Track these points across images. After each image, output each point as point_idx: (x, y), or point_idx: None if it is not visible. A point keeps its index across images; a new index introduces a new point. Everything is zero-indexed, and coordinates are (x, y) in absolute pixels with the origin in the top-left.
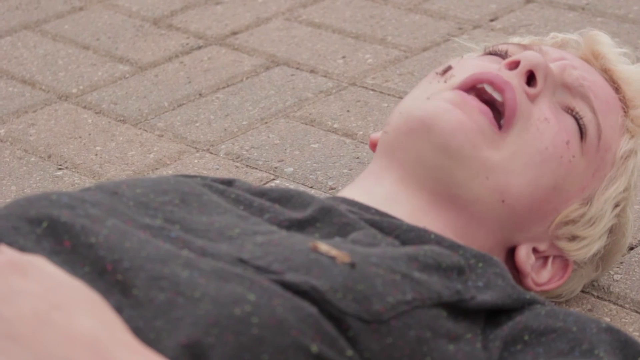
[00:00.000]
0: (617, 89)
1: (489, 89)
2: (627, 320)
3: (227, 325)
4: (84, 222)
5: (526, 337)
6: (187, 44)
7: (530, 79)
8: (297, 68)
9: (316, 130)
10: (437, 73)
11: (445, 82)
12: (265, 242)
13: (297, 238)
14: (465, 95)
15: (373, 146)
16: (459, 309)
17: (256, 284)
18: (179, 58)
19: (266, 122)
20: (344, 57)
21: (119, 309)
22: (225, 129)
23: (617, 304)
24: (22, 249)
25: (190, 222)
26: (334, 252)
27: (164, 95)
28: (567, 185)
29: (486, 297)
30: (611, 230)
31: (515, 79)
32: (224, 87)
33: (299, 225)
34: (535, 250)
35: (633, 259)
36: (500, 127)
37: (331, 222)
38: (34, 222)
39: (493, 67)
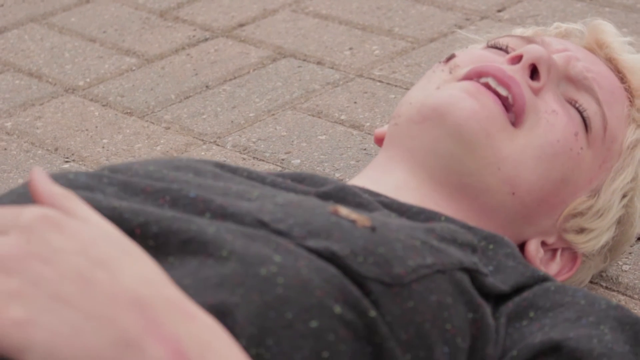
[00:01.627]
0: (622, 78)
1: (492, 83)
2: (635, 311)
3: (253, 285)
4: (103, 197)
5: (532, 314)
6: (193, 36)
7: (534, 72)
8: (304, 60)
9: (323, 122)
10: (440, 62)
11: (450, 72)
12: (285, 202)
13: (316, 201)
14: (479, 85)
15: (378, 141)
16: (476, 282)
17: (282, 246)
18: (185, 50)
19: (273, 114)
20: (351, 48)
21: None
22: (232, 121)
23: (625, 295)
24: None
25: (207, 187)
26: (354, 215)
27: (171, 88)
28: (575, 177)
29: (498, 281)
30: (619, 221)
31: (518, 73)
32: (230, 79)
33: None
34: (543, 244)
35: None
36: (512, 121)
37: (345, 200)
38: None
39: (496, 60)
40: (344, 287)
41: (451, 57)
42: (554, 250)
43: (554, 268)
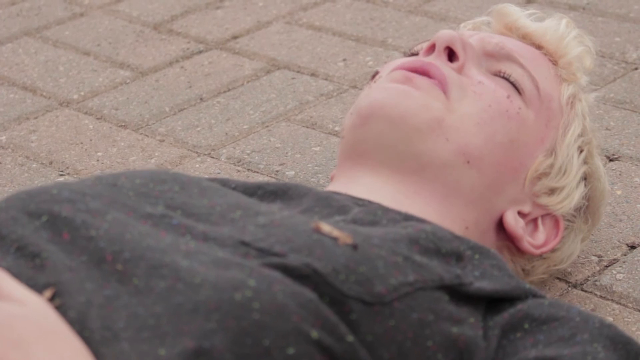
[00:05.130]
0: (539, 47)
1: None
2: (630, 320)
3: (228, 311)
4: (85, 217)
5: (526, 326)
6: (187, 48)
7: (451, 55)
8: (298, 71)
9: (317, 133)
10: (368, 82)
11: (375, 83)
12: (267, 223)
13: (299, 218)
14: (401, 70)
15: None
16: (459, 294)
17: (256, 271)
18: (179, 63)
19: (267, 126)
20: (344, 59)
21: (116, 297)
22: (226, 133)
23: (620, 304)
24: (20, 237)
25: (192, 207)
26: (336, 232)
27: (165, 100)
28: (523, 137)
29: (484, 284)
30: (585, 178)
31: (436, 60)
32: (224, 91)
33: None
34: (521, 214)
35: (635, 258)
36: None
37: (330, 205)
38: (34, 216)
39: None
40: (320, 312)
41: (375, 74)
42: (535, 221)
43: (540, 237)
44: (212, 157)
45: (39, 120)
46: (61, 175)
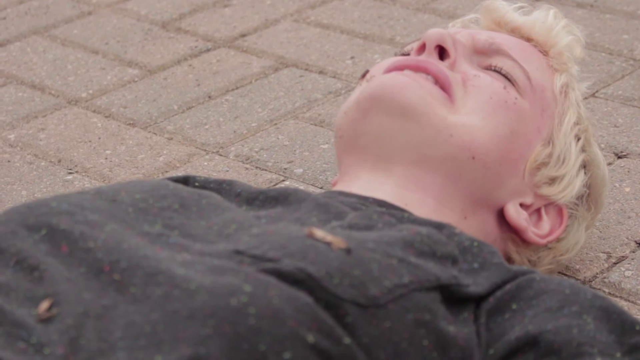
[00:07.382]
0: (528, 39)
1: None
2: (638, 316)
3: (224, 316)
4: (83, 229)
5: (514, 306)
6: (195, 46)
7: (442, 53)
8: (306, 69)
9: (325, 131)
10: (359, 81)
11: (367, 82)
12: (261, 232)
13: (292, 227)
14: (400, 70)
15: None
16: (454, 294)
17: (252, 276)
18: (187, 61)
19: (275, 124)
20: (352, 57)
21: (113, 307)
22: (234, 131)
23: (628, 300)
24: (20, 251)
25: (190, 228)
26: (329, 237)
27: (173, 98)
28: (521, 128)
29: (480, 281)
30: (585, 166)
31: (429, 59)
32: (233, 89)
33: (296, 221)
34: (523, 206)
35: None
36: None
37: (327, 211)
38: (33, 229)
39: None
40: (316, 316)
41: (365, 73)
42: (538, 211)
43: (545, 227)
44: (221, 155)
45: (48, 119)
46: (70, 173)
